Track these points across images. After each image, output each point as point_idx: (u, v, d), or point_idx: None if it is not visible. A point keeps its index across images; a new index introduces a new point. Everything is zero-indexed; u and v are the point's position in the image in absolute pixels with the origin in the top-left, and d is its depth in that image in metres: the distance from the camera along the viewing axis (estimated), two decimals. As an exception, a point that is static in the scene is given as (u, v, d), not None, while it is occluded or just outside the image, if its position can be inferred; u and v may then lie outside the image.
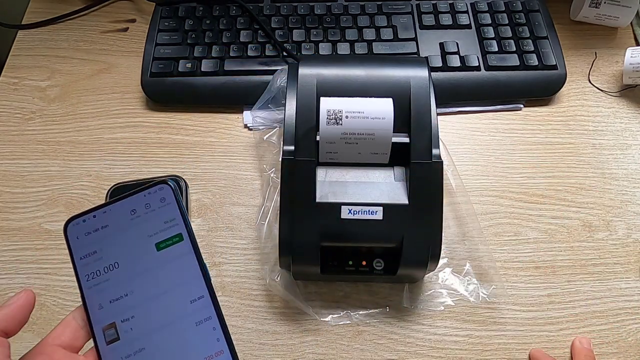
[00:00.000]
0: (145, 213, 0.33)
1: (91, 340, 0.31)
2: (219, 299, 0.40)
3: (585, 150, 0.55)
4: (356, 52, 0.57)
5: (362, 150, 0.41)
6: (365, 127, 0.41)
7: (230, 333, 0.31)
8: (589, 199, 0.52)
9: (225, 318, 0.45)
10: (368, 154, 0.42)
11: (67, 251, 0.32)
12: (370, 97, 0.42)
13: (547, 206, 0.51)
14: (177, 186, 0.34)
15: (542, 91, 0.57)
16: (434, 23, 0.59)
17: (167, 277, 0.32)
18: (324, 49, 0.58)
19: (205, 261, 0.35)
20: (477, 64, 0.56)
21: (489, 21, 0.59)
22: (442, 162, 0.41)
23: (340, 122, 0.41)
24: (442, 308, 0.46)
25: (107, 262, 0.32)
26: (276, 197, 0.49)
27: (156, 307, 0.31)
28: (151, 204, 0.33)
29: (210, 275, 0.37)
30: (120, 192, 0.51)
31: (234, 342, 0.36)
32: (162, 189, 0.33)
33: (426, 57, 0.56)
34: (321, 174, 0.42)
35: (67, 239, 0.32)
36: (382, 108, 0.41)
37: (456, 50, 0.57)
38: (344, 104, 0.41)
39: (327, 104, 0.41)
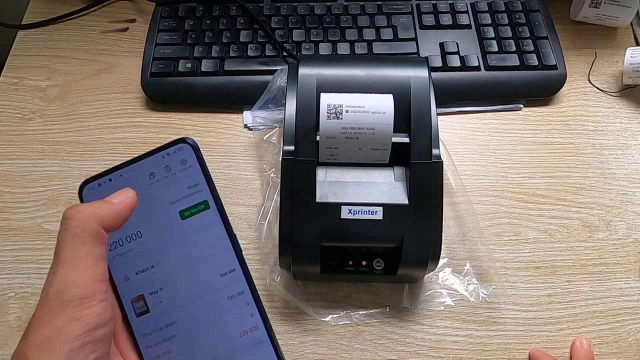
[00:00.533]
0: (166, 177, 0.30)
1: None
2: None
3: (585, 150, 0.55)
4: (356, 52, 0.57)
5: (363, 146, 0.41)
6: (366, 122, 0.41)
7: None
8: (589, 199, 0.52)
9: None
10: (368, 150, 0.41)
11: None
12: (370, 97, 0.42)
13: (547, 206, 0.51)
14: (197, 145, 0.31)
15: (542, 91, 0.57)
16: (434, 23, 0.59)
17: (194, 248, 0.30)
18: (324, 49, 0.58)
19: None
20: (477, 64, 0.56)
21: (489, 21, 0.59)
22: (442, 162, 0.41)
23: (341, 117, 0.40)
24: (442, 308, 0.46)
25: (129, 231, 0.30)
26: (276, 197, 0.49)
27: (185, 280, 0.30)
28: (171, 167, 0.30)
29: None
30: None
31: None
32: (182, 149, 0.30)
33: (426, 57, 0.56)
34: (321, 174, 0.42)
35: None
36: (383, 103, 0.41)
37: (456, 50, 0.57)
38: (345, 99, 0.41)
39: (328, 99, 0.41)
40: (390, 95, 0.41)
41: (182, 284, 0.30)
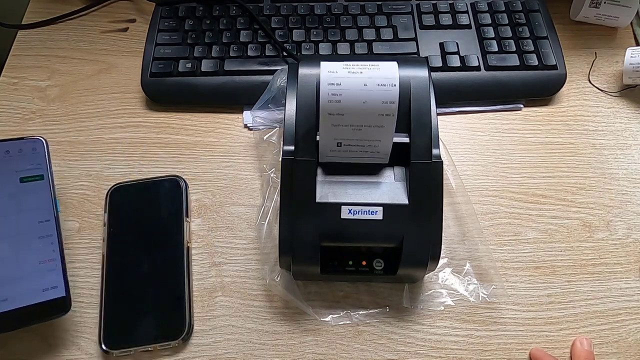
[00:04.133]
0: (17, 155, 0.45)
1: None
2: (218, 299, 0.47)
3: (585, 150, 0.55)
4: (356, 52, 0.57)
5: (368, 81, 0.39)
6: (369, 63, 0.40)
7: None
8: (589, 199, 0.52)
9: (225, 318, 0.46)
10: (375, 86, 0.39)
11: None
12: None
13: (547, 206, 0.51)
14: (45, 143, 0.46)
15: (542, 91, 0.57)
16: (434, 23, 0.59)
17: (24, 202, 0.44)
18: (324, 49, 0.58)
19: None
20: (477, 64, 0.56)
21: (489, 21, 0.59)
22: (442, 162, 0.41)
23: (341, 60, 0.40)
24: (442, 308, 0.46)
25: None
26: (276, 197, 0.49)
27: (9, 220, 0.43)
28: (23, 150, 0.45)
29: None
30: (120, 192, 0.51)
31: (235, 342, 0.45)
32: (36, 141, 0.46)
33: (426, 57, 0.56)
34: (321, 174, 0.42)
35: None
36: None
37: (456, 50, 0.57)
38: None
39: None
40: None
41: (6, 222, 0.43)
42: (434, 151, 0.41)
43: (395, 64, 0.40)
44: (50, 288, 0.42)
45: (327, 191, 0.41)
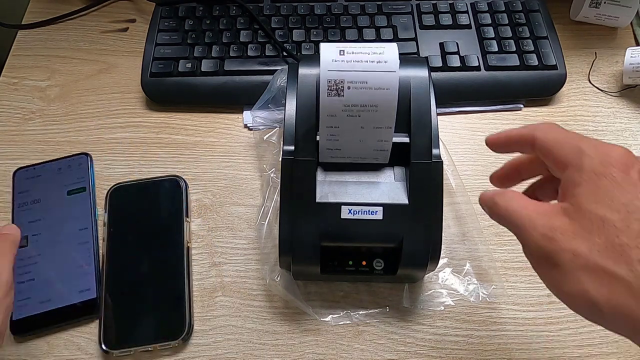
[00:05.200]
0: (67, 170, 0.51)
1: None
2: (218, 299, 0.47)
3: (585, 150, 0.55)
4: (356, 52, 0.57)
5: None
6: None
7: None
8: (589, 199, 0.52)
9: (225, 318, 0.46)
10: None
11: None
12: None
13: (547, 206, 0.51)
14: (90, 158, 0.52)
15: (542, 91, 0.57)
16: (434, 23, 0.59)
17: (69, 212, 0.49)
18: (324, 49, 0.57)
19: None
20: (477, 64, 0.56)
21: (489, 21, 0.59)
22: (442, 162, 0.41)
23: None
24: (442, 308, 0.46)
25: (32, 198, 0.49)
26: (276, 197, 0.49)
27: (57, 229, 0.48)
28: (72, 166, 0.51)
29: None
30: (120, 192, 0.51)
31: (235, 342, 0.45)
32: (82, 157, 0.52)
33: (426, 57, 0.56)
34: (321, 174, 0.42)
35: (14, 181, 0.51)
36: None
37: (456, 50, 0.57)
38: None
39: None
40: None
41: (55, 231, 0.48)
42: (434, 151, 0.41)
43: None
44: (84, 290, 0.45)
45: (327, 191, 0.41)
